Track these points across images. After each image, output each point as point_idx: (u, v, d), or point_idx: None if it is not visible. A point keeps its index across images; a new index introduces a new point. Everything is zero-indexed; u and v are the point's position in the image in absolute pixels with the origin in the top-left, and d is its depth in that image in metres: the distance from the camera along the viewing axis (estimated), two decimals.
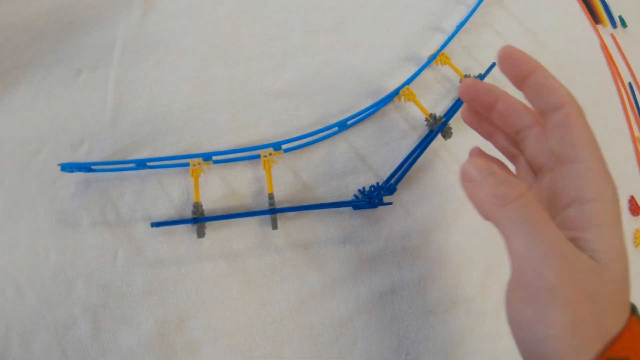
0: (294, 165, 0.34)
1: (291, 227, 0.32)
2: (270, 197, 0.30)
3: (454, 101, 0.37)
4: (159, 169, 0.33)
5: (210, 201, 0.32)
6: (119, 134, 0.34)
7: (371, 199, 0.30)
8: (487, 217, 0.17)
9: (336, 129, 0.34)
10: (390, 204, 0.30)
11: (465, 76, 0.37)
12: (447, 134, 0.34)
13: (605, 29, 0.48)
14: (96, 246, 0.31)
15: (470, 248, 0.33)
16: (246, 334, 0.30)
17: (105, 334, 0.29)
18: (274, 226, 0.29)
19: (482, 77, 0.37)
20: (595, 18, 0.48)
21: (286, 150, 0.34)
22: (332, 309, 0.31)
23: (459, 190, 0.19)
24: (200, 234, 0.30)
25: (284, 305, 0.31)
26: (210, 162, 0.31)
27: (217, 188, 0.33)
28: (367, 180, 0.34)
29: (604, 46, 0.46)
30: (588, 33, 0.46)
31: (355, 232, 0.32)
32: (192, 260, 0.31)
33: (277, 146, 0.31)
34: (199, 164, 0.31)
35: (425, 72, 0.37)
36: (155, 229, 0.31)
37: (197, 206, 0.30)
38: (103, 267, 0.31)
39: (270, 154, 0.31)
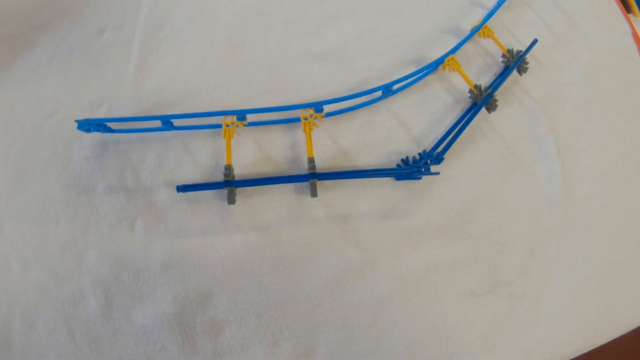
0: (334, 132, 0.31)
1: (330, 197, 0.29)
2: (311, 161, 0.27)
3: (495, 76, 0.35)
4: (185, 131, 0.30)
5: (242, 167, 0.29)
6: (143, 93, 0.31)
7: (418, 167, 0.27)
8: None
9: (380, 93, 0.31)
10: (437, 173, 0.28)
11: (502, 58, 0.35)
12: (491, 107, 0.32)
13: (637, 19, 0.47)
14: (112, 214, 0.28)
15: (513, 228, 0.30)
16: (276, 314, 0.27)
17: (117, 312, 0.26)
18: (313, 193, 0.26)
19: (523, 55, 0.35)
20: (626, 7, 0.47)
21: (327, 115, 0.31)
22: (371, 288, 0.28)
23: (502, 167, 0.17)
24: (231, 200, 0.27)
25: (319, 282, 0.27)
26: (245, 122, 0.28)
27: (250, 152, 0.30)
28: (410, 150, 0.31)
29: (635, 35, 0.45)
30: (620, 21, 0.45)
31: (397, 205, 0.30)
32: (220, 230, 0.28)
33: (318, 107, 0.28)
34: (232, 123, 0.28)
35: (466, 45, 0.36)
36: (179, 195, 0.28)
37: (228, 169, 0.27)
38: (118, 237, 0.27)
39: (311, 116, 0.28)
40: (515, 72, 0.35)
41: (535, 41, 0.36)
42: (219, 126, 0.29)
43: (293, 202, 0.29)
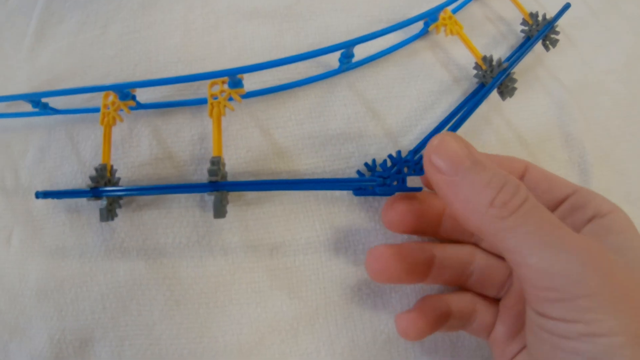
0: (263, 119, 0.21)
1: (251, 217, 0.19)
2: (214, 162, 0.17)
3: (512, 49, 0.24)
4: (70, 115, 0.22)
5: (132, 167, 0.20)
6: (36, 67, 0.24)
7: (387, 178, 0.17)
8: (478, 229, 0.13)
9: (337, 65, 0.20)
10: (418, 189, 0.17)
11: (523, 25, 0.24)
12: (507, 91, 0.21)
13: None
14: None
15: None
16: None
17: None
18: (218, 212, 0.17)
19: (552, 21, 0.24)
20: None
21: (251, 94, 0.20)
22: (307, 356, 0.18)
23: None
24: (104, 215, 0.18)
25: (232, 341, 0.18)
26: (131, 103, 0.18)
27: (144, 147, 0.21)
28: (381, 150, 0.20)
29: None
30: None
31: (356, 232, 0.19)
32: (101, 254, 0.20)
33: (234, 78, 0.17)
34: (114, 104, 0.19)
35: (472, 6, 0.25)
36: (56, 202, 0.21)
37: (101, 171, 0.18)
38: None
39: (222, 93, 0.17)
40: (540, 47, 0.23)
41: (567, 6, 0.25)
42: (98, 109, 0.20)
43: (198, 222, 0.19)
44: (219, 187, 0.17)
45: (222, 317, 0.19)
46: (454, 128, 0.20)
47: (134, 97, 0.19)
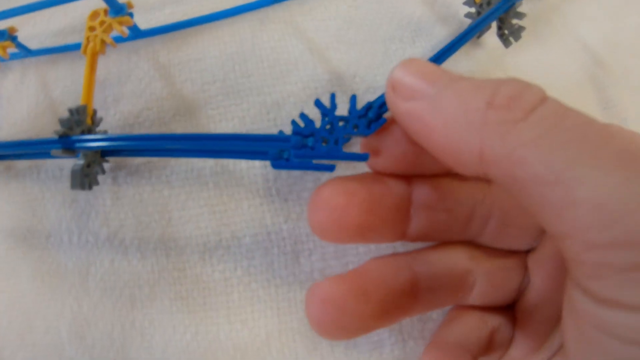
0: (167, 65, 0.16)
1: (130, 190, 0.14)
2: (79, 111, 0.12)
3: None
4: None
5: (20, 121, 0.16)
6: None
7: (308, 136, 0.11)
8: (479, 159, 0.08)
9: None
10: (363, 157, 0.12)
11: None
12: (510, 33, 0.16)
13: None
14: None
15: None
16: None
17: None
18: (75, 182, 0.12)
19: None
20: None
21: (144, 33, 0.16)
22: None
23: None
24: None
25: None
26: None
27: (31, 96, 0.16)
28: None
29: None
30: None
31: (277, 216, 0.14)
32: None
33: (115, 4, 0.12)
34: (103, 24, 0.14)
35: None
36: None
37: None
38: None
39: (102, 23, 0.13)
40: None
41: None
42: None
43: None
44: (68, 143, 0.12)
45: (141, 343, 0.14)
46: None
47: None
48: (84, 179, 0.13)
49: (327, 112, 0.12)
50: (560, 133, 0.08)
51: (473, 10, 0.16)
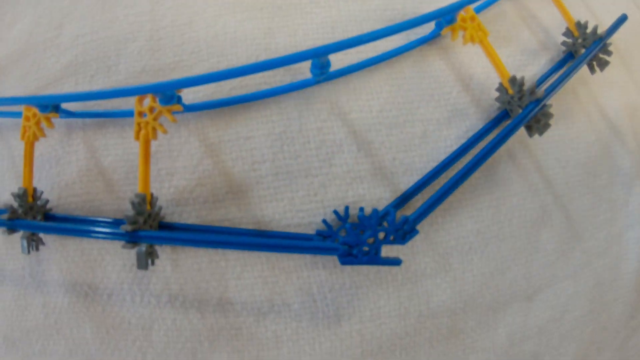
0: (216, 143, 0.16)
1: (189, 259, 0.16)
2: (140, 202, 0.14)
3: (550, 66, 0.19)
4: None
5: (71, 184, 0.17)
6: None
7: (353, 247, 0.13)
8: None
9: (309, 75, 0.16)
10: (396, 262, 0.13)
11: (565, 37, 0.18)
12: (538, 127, 0.17)
13: None
14: None
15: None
16: None
17: None
18: (141, 263, 0.14)
19: (605, 37, 0.19)
20: None
21: (191, 107, 0.16)
22: None
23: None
24: (27, 247, 0.16)
25: None
26: (54, 114, 0.15)
27: (81, 162, 0.17)
28: (368, 192, 0.16)
29: None
30: None
31: (364, 295, 0.16)
32: (31, 284, 0.17)
33: (167, 92, 0.13)
34: (35, 116, 0.16)
35: (504, 4, 0.19)
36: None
37: (22, 197, 0.16)
38: None
39: (154, 110, 0.13)
40: (583, 68, 0.19)
41: (624, 17, 0.19)
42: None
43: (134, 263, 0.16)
44: (136, 238, 0.13)
45: None
46: (469, 170, 0.15)
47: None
48: (148, 259, 0.15)
49: (370, 226, 0.13)
50: None
51: (504, 97, 0.17)
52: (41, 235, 0.17)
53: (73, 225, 0.16)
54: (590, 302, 0.19)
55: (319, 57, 0.13)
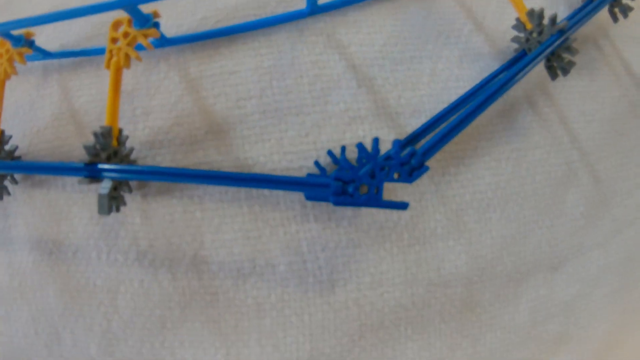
0: (197, 78, 0.14)
1: (160, 209, 0.14)
2: (104, 134, 0.12)
3: (574, 6, 0.17)
4: None
5: (43, 129, 0.15)
6: None
7: (348, 183, 0.10)
8: None
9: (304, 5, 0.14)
10: (402, 205, 0.11)
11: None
12: (561, 66, 0.15)
13: None
14: None
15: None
16: None
17: None
18: (102, 208, 0.12)
19: None
20: None
21: (173, 41, 0.14)
22: None
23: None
24: None
25: None
26: (27, 49, 0.14)
27: (54, 105, 0.15)
28: (370, 134, 0.14)
29: None
30: None
31: (362, 256, 0.13)
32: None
33: (140, 15, 0.11)
34: (8, 52, 0.14)
35: None
36: None
37: None
38: None
39: (125, 35, 0.12)
40: (604, 13, 0.17)
41: None
42: None
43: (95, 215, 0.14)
44: (94, 172, 0.11)
45: None
46: (478, 109, 0.13)
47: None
48: (112, 204, 0.12)
49: (370, 157, 0.11)
50: None
51: (522, 35, 0.15)
52: (7, 185, 0.15)
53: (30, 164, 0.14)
54: (622, 277, 0.16)
55: None
